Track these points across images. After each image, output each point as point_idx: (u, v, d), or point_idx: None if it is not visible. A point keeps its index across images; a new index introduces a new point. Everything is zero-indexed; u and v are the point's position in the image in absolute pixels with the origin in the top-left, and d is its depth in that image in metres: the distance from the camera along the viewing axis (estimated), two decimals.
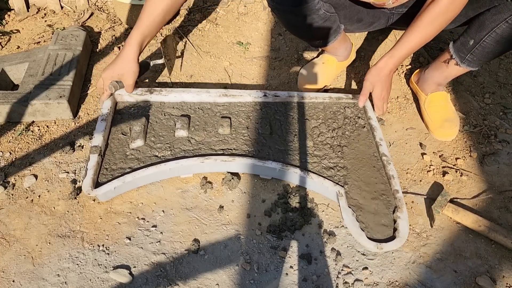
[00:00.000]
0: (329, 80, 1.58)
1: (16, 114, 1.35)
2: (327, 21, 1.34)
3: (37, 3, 1.85)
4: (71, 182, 1.22)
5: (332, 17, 1.34)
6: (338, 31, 1.43)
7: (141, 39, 1.26)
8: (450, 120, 1.41)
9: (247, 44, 1.75)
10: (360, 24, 1.48)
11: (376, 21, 1.48)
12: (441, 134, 1.40)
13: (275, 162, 1.21)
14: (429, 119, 1.42)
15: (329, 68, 1.56)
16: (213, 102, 1.40)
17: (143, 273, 1.05)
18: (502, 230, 1.13)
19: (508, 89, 1.61)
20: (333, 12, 1.34)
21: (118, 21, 1.82)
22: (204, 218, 1.17)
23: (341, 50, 1.54)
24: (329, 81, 1.58)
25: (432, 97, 1.43)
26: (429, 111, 1.43)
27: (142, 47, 1.29)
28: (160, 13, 1.25)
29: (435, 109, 1.42)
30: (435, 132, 1.41)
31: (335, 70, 1.58)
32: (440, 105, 1.43)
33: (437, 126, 1.40)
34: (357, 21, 1.46)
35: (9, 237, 1.10)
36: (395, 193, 1.18)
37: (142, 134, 1.27)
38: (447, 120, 1.40)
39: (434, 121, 1.41)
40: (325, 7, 1.29)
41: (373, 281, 1.06)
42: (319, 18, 1.30)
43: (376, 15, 1.45)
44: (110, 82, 1.30)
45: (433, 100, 1.43)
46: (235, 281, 1.04)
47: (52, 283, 1.02)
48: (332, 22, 1.36)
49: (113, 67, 1.29)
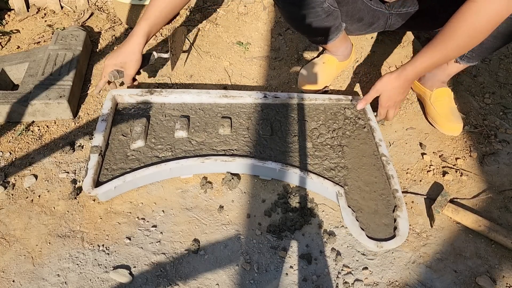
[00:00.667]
0: (329, 80, 1.58)
1: (16, 114, 1.35)
2: (330, 16, 1.34)
3: (37, 3, 1.85)
4: (71, 182, 1.22)
5: (335, 12, 1.35)
6: (340, 29, 1.43)
7: (148, 30, 1.25)
8: (456, 115, 1.42)
9: (247, 44, 1.75)
10: (360, 24, 1.49)
11: (375, 21, 1.48)
12: (448, 128, 1.41)
13: (275, 163, 1.21)
14: (437, 113, 1.43)
15: (330, 68, 1.56)
16: (213, 103, 1.40)
17: (143, 273, 1.05)
18: (502, 230, 1.13)
19: (508, 89, 1.61)
20: (336, 7, 1.34)
21: (118, 21, 1.82)
22: (204, 218, 1.17)
23: (341, 49, 1.54)
24: (329, 81, 1.58)
25: (438, 92, 1.45)
26: (436, 106, 1.43)
27: (148, 39, 1.28)
28: (168, 4, 1.25)
29: (442, 103, 1.43)
30: (443, 126, 1.41)
31: (335, 70, 1.58)
32: (446, 100, 1.44)
33: (445, 120, 1.41)
34: (357, 20, 1.46)
35: (9, 237, 1.10)
36: (395, 193, 1.18)
37: (143, 134, 1.27)
38: (454, 114, 1.42)
39: (442, 115, 1.41)
40: (329, 0, 1.29)
41: (373, 281, 1.06)
42: (323, 11, 1.30)
43: (376, 15, 1.46)
44: (111, 70, 1.28)
45: (439, 95, 1.44)
46: (235, 281, 1.04)
47: (52, 283, 1.02)
48: (334, 18, 1.36)
49: (116, 55, 1.27)
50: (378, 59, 1.71)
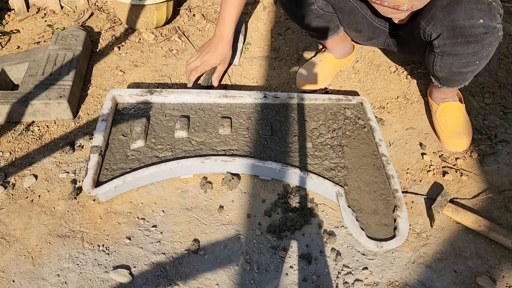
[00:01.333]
0: (328, 77, 1.58)
1: (16, 114, 1.35)
2: (320, 18, 1.35)
3: (37, 3, 1.85)
4: (71, 182, 1.22)
5: (326, 16, 1.35)
6: (336, 31, 1.44)
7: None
8: (461, 130, 1.37)
9: (247, 44, 1.75)
10: (359, 35, 1.48)
11: (375, 37, 1.48)
12: (451, 144, 1.37)
13: (275, 163, 1.21)
14: (440, 128, 1.40)
15: (327, 66, 1.56)
16: (213, 103, 1.40)
17: (143, 273, 1.05)
18: (502, 230, 1.13)
19: (508, 89, 1.61)
20: (328, 11, 1.35)
21: (118, 21, 1.82)
22: (204, 218, 1.17)
23: (338, 48, 1.55)
24: (328, 79, 1.58)
25: (444, 107, 1.41)
26: (439, 120, 1.40)
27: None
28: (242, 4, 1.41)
29: (446, 119, 1.39)
30: (446, 142, 1.38)
31: (332, 67, 1.58)
32: (451, 115, 1.40)
33: (447, 136, 1.37)
34: (355, 31, 1.46)
35: (9, 237, 1.10)
36: (395, 193, 1.18)
37: (143, 134, 1.27)
38: (458, 130, 1.37)
39: (445, 131, 1.38)
40: (319, 3, 1.30)
41: (373, 281, 1.06)
42: (311, 13, 1.33)
43: (376, 32, 1.45)
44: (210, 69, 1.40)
45: (444, 109, 1.41)
46: (235, 281, 1.04)
47: (52, 283, 1.02)
48: (326, 21, 1.37)
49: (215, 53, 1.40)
50: (378, 59, 1.72)
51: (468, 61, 1.18)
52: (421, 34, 1.21)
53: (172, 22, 1.84)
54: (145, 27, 1.77)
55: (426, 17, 1.17)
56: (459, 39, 1.13)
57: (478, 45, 1.13)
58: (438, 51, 1.20)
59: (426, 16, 1.17)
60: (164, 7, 1.71)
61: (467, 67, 1.21)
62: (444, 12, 1.12)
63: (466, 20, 1.09)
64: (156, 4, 1.68)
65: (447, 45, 1.16)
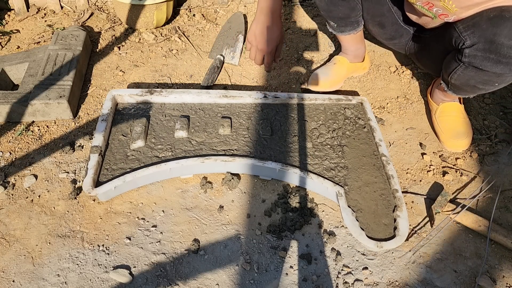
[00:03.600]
0: (340, 80, 1.57)
1: (16, 114, 1.35)
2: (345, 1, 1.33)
3: (37, 3, 1.85)
4: (71, 182, 1.22)
5: (351, 1, 1.34)
6: (355, 27, 1.43)
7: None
8: (461, 131, 1.37)
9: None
10: (382, 31, 1.45)
11: (397, 37, 1.45)
12: (451, 145, 1.37)
13: (275, 163, 1.21)
14: (440, 129, 1.40)
15: (341, 69, 1.56)
16: (213, 103, 1.40)
17: (143, 273, 1.05)
18: (502, 230, 1.13)
19: (508, 89, 1.61)
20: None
21: (118, 21, 1.82)
22: (204, 218, 1.17)
23: (353, 48, 1.54)
24: (340, 82, 1.57)
25: (443, 108, 1.41)
26: (439, 121, 1.40)
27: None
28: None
29: (446, 119, 1.39)
30: (446, 143, 1.38)
31: (346, 71, 1.57)
32: (451, 116, 1.40)
33: (447, 137, 1.37)
34: (379, 25, 1.43)
35: (9, 237, 1.10)
36: (395, 193, 1.18)
37: (143, 134, 1.27)
38: (458, 130, 1.37)
39: (444, 132, 1.38)
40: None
41: (373, 281, 1.06)
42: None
43: (399, 31, 1.43)
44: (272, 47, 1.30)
45: (444, 110, 1.41)
46: (235, 281, 1.04)
47: (52, 283, 1.02)
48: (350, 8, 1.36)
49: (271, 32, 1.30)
50: (378, 59, 1.72)
51: (489, 79, 1.14)
52: (453, 38, 1.16)
53: (172, 22, 1.84)
54: (145, 27, 1.77)
55: (467, 22, 1.11)
56: (492, 55, 1.07)
57: (507, 68, 1.07)
58: (466, 60, 1.13)
59: (467, 21, 1.11)
60: (164, 7, 1.72)
61: (485, 85, 1.17)
62: (488, 24, 1.05)
63: (507, 39, 1.02)
64: (156, 4, 1.68)
65: (477, 57, 1.10)
